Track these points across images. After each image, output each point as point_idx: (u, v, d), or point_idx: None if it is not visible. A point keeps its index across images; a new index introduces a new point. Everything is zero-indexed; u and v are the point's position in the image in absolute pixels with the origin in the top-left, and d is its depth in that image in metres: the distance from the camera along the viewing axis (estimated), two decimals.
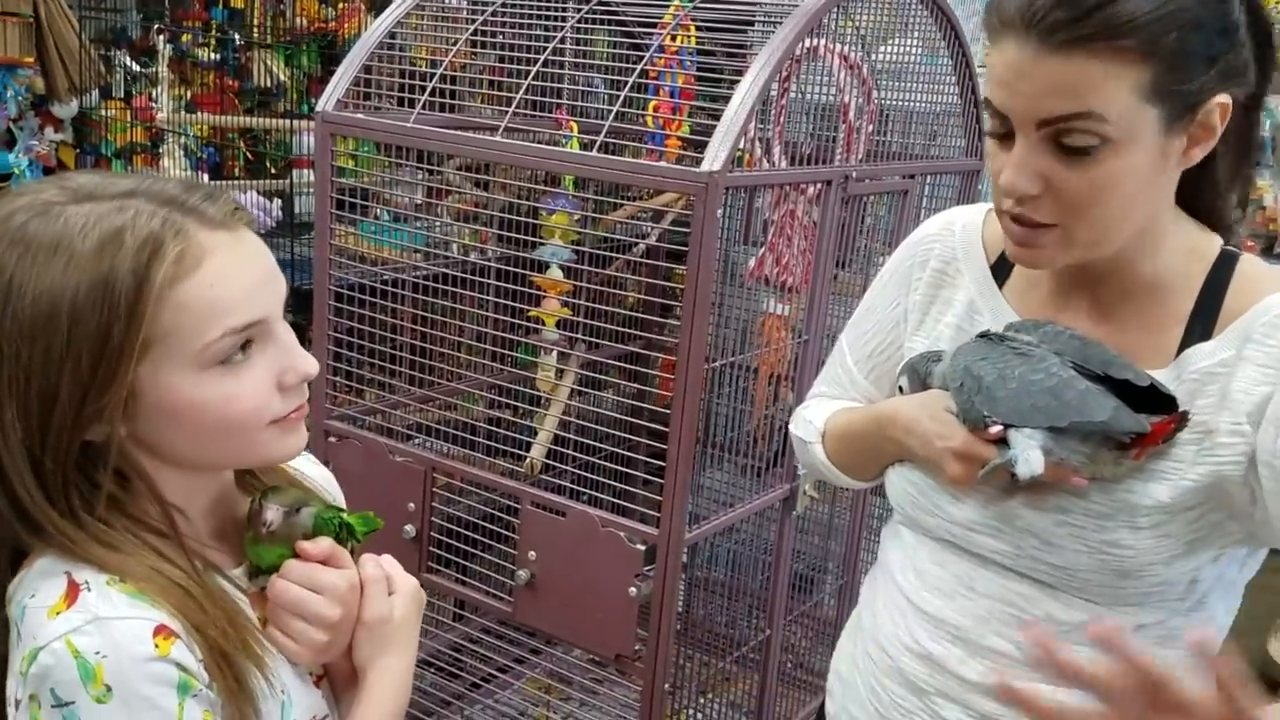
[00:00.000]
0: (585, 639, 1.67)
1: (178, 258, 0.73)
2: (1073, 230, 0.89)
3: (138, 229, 0.73)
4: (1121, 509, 0.91)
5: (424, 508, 1.78)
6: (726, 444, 1.84)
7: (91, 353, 0.72)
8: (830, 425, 1.16)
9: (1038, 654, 0.77)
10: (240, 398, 0.77)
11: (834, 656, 1.19)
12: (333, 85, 1.81)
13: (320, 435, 1.88)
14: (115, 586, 0.74)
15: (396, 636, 0.86)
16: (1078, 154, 0.84)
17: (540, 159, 1.64)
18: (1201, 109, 0.85)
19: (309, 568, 0.83)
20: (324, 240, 1.84)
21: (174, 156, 2.92)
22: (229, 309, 0.75)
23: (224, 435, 0.78)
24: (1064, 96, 0.83)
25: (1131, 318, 0.95)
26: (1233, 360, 0.89)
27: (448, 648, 2.11)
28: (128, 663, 0.71)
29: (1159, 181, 0.88)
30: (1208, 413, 0.89)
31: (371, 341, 1.84)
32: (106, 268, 0.72)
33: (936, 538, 1.03)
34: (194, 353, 0.75)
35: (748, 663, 2.01)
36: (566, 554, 1.63)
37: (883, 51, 1.87)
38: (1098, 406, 0.88)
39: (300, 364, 0.80)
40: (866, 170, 1.77)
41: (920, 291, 1.09)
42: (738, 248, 1.92)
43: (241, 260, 0.77)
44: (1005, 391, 0.91)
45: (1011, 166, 0.87)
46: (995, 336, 0.97)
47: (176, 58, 3.17)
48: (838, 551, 2.20)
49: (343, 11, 3.41)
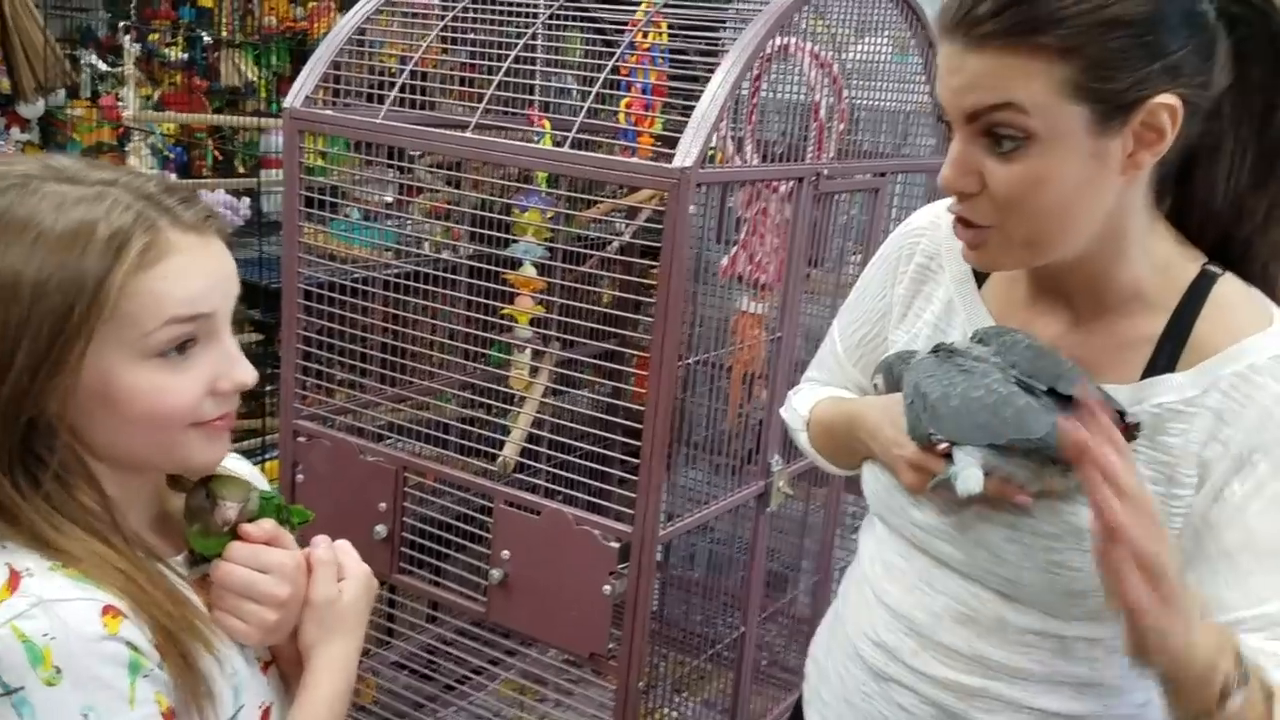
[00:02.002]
0: (559, 638, 1.66)
1: (143, 250, 0.75)
2: (1009, 230, 0.87)
3: (111, 220, 0.74)
4: (1069, 531, 0.90)
5: (395, 508, 1.76)
6: (702, 442, 1.84)
7: (51, 332, 0.73)
8: (814, 414, 1.17)
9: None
10: (170, 392, 0.77)
11: (812, 643, 1.21)
12: (300, 81, 1.79)
13: (289, 435, 1.86)
14: (59, 572, 0.74)
15: (343, 621, 0.86)
16: (1006, 149, 0.84)
17: (513, 155, 1.64)
18: (1140, 109, 0.82)
19: (254, 549, 0.84)
20: (292, 238, 1.82)
21: (141, 155, 2.88)
22: (176, 302, 0.76)
23: (147, 429, 0.78)
24: (985, 89, 0.83)
25: (1102, 329, 0.94)
26: (1198, 401, 0.87)
27: (421, 649, 2.09)
28: (77, 643, 0.71)
29: (1102, 183, 0.85)
30: (1174, 453, 0.88)
31: (342, 340, 1.83)
32: (77, 254, 0.73)
33: (900, 535, 1.04)
34: (135, 340, 0.75)
35: (722, 660, 2.01)
36: (540, 553, 1.62)
37: (854, 50, 1.87)
38: (1035, 423, 0.87)
39: (237, 372, 0.80)
40: (838, 168, 1.78)
41: (904, 285, 1.08)
42: (711, 246, 1.92)
43: (200, 261, 0.78)
44: (948, 409, 0.92)
45: (948, 162, 0.88)
46: (946, 351, 0.96)
47: (144, 57, 3.14)
48: (812, 549, 2.20)
49: (312, 10, 3.39)
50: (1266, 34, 0.87)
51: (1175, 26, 0.81)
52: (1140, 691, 0.99)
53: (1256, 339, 0.87)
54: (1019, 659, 0.97)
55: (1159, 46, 0.81)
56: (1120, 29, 0.80)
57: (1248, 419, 0.85)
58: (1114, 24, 0.80)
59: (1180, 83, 0.82)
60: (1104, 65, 0.80)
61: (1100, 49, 0.80)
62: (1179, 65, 0.82)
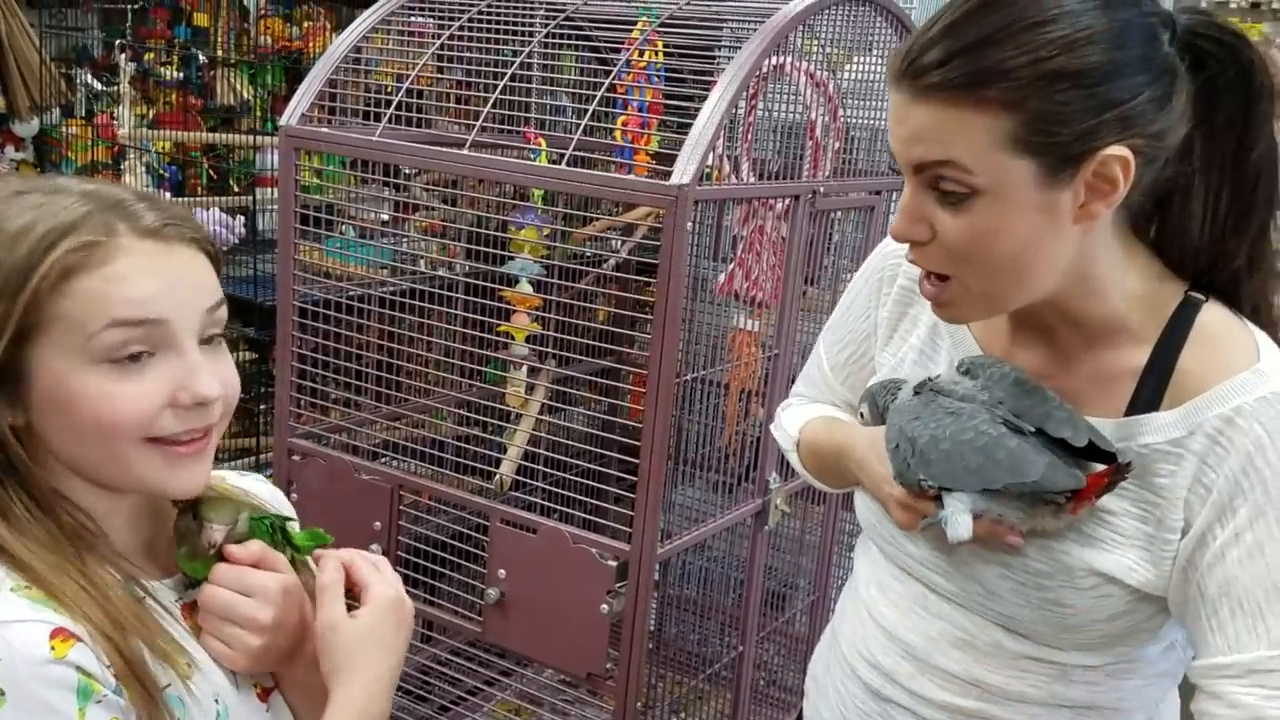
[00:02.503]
0: (556, 658, 1.64)
1: (82, 247, 0.73)
2: (965, 281, 0.86)
3: (53, 219, 0.74)
4: (1060, 570, 0.90)
5: (390, 526, 1.75)
6: (698, 460, 1.84)
7: None
8: (804, 435, 1.16)
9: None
10: (117, 398, 0.74)
11: (811, 661, 1.20)
12: (297, 99, 1.79)
13: (283, 454, 1.85)
14: (21, 593, 0.72)
15: (358, 648, 0.81)
16: (953, 201, 0.82)
17: (510, 173, 1.64)
18: (1089, 161, 0.79)
19: (237, 570, 0.81)
20: (287, 256, 1.81)
21: (136, 173, 2.88)
22: (120, 303, 0.74)
23: (96, 437, 0.75)
24: (927, 143, 0.81)
25: (1084, 363, 0.92)
26: (1183, 443, 0.85)
27: (416, 670, 2.07)
28: (22, 665, 0.69)
29: (1054, 235, 0.83)
30: (1164, 494, 0.86)
31: (337, 358, 1.82)
32: (9, 249, 0.73)
33: (894, 562, 1.03)
34: (80, 343, 0.74)
35: (720, 680, 1.99)
36: (537, 572, 1.61)
37: (848, 70, 1.88)
38: (1029, 465, 0.86)
39: (198, 384, 0.76)
40: (834, 186, 1.78)
41: (888, 308, 1.07)
42: (707, 264, 1.92)
43: (157, 266, 0.76)
44: (938, 454, 0.90)
45: (899, 211, 0.86)
46: (931, 391, 0.95)
47: (140, 76, 3.14)
48: (809, 568, 2.19)
49: (307, 30, 3.39)
50: (1237, 67, 0.84)
51: (1128, 75, 0.78)
52: (1140, 713, 0.99)
53: (1244, 378, 0.84)
54: (1017, 683, 0.96)
55: (1109, 97, 0.78)
56: (1065, 81, 0.77)
57: (1230, 465, 0.83)
58: (1059, 76, 0.77)
59: (1132, 133, 0.79)
60: (1047, 119, 0.78)
61: (1044, 103, 0.78)
62: (1130, 116, 0.79)
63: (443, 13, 1.84)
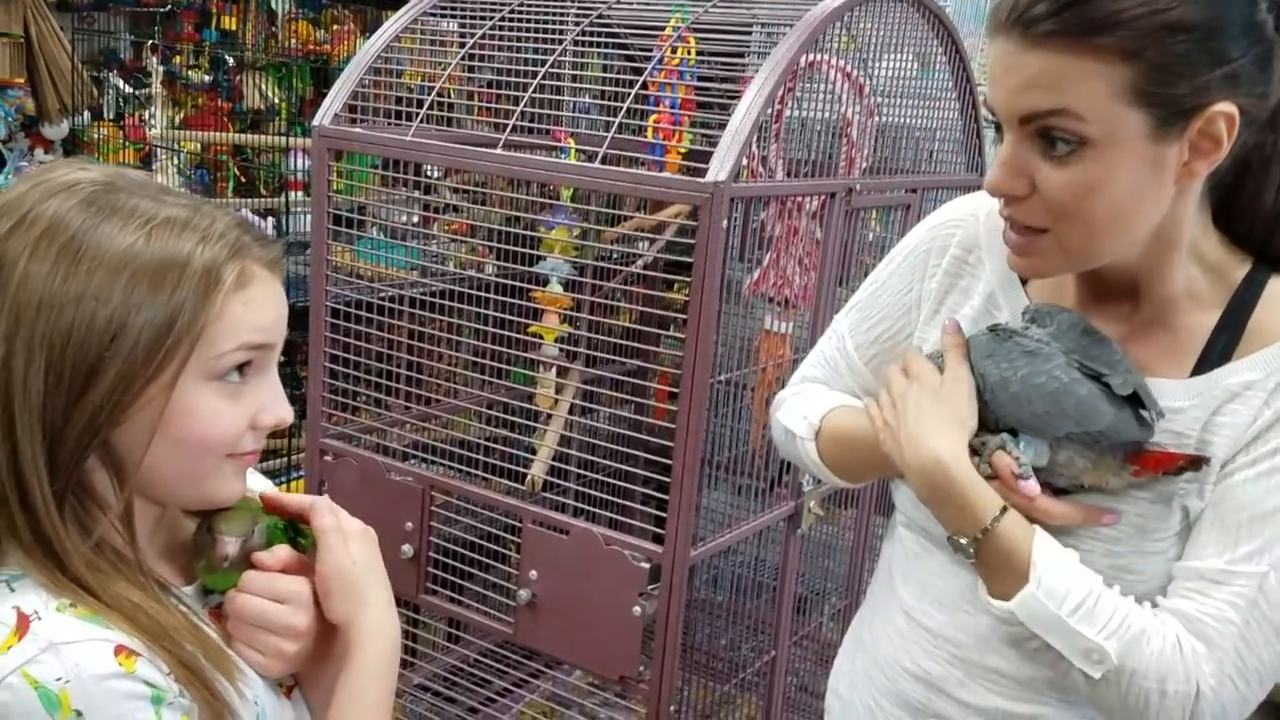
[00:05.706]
0: (588, 660, 1.63)
1: (236, 276, 0.76)
2: (1063, 235, 0.86)
3: (204, 253, 0.74)
4: (1131, 533, 0.89)
5: (422, 527, 1.75)
6: (726, 464, 1.82)
7: (142, 361, 0.72)
8: (828, 424, 1.09)
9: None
10: (223, 417, 0.76)
11: (831, 675, 1.16)
12: (329, 100, 1.80)
13: (316, 453, 1.85)
14: (67, 612, 0.72)
15: (366, 583, 0.83)
16: (1061, 153, 0.82)
17: (545, 171, 1.63)
18: (1199, 117, 0.80)
19: (269, 578, 0.82)
20: (320, 256, 1.81)
21: (166, 174, 2.90)
22: (252, 329, 0.77)
23: (190, 453, 0.76)
24: (1041, 91, 0.81)
25: (1152, 327, 0.92)
26: (1259, 385, 0.86)
27: (445, 671, 2.07)
28: (94, 684, 0.69)
29: (1157, 191, 0.83)
30: (1226, 431, 0.87)
31: (368, 359, 1.82)
32: (169, 287, 0.73)
33: (941, 549, 1.00)
34: (209, 359, 0.75)
35: (750, 686, 1.97)
36: (569, 573, 1.60)
37: (883, 67, 1.86)
38: (1098, 414, 0.86)
39: (280, 409, 0.80)
40: (870, 183, 1.76)
41: (937, 279, 1.04)
42: (735, 264, 1.90)
43: (273, 293, 0.80)
44: (1006, 395, 0.90)
45: (996, 164, 0.85)
46: (1004, 331, 0.93)
47: (168, 79, 3.16)
48: (838, 573, 2.17)
49: (334, 34, 3.41)
50: None
51: (1236, 34, 0.80)
52: None
53: None
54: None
55: (1220, 53, 0.79)
56: (1183, 33, 0.78)
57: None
58: (1177, 28, 0.78)
59: (1239, 92, 0.81)
60: (1166, 70, 0.79)
61: (1163, 53, 0.78)
62: (1238, 74, 0.80)
63: (472, 14, 1.84)
